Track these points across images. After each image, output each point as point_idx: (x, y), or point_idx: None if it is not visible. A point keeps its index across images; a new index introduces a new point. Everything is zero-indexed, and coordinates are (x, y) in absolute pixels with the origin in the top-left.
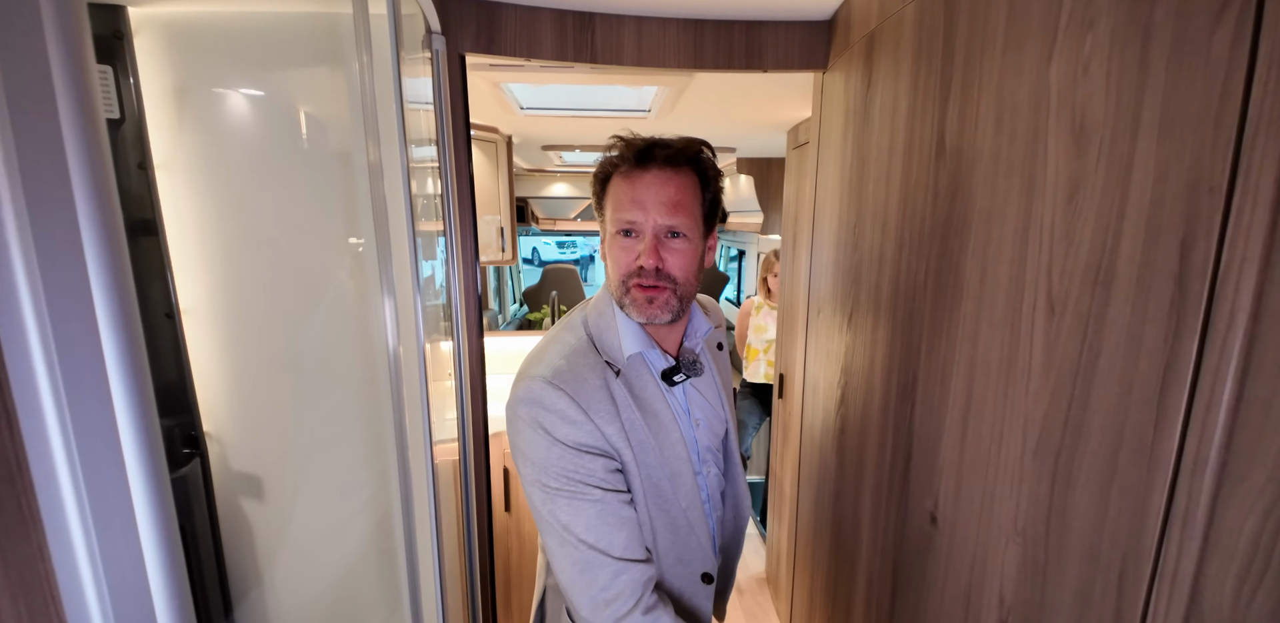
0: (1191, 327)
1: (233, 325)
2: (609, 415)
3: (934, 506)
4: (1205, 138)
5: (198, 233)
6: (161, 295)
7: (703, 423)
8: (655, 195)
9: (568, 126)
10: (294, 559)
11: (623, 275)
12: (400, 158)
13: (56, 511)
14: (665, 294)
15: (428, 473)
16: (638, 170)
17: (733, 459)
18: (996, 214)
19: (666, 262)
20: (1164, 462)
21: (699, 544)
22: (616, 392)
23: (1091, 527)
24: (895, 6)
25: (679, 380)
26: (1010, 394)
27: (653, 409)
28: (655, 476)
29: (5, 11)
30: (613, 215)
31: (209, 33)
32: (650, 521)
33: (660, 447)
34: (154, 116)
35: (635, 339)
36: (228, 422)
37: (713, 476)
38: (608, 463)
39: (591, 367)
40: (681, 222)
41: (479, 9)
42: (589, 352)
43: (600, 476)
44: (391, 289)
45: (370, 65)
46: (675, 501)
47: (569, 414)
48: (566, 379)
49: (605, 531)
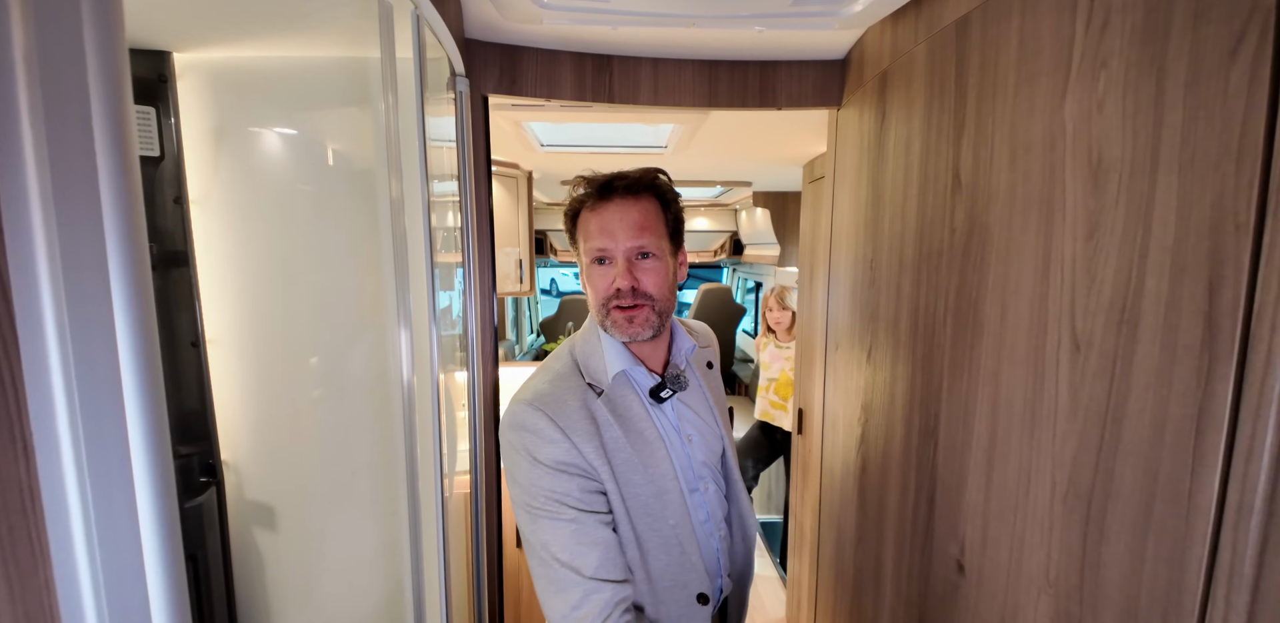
0: (1225, 367)
1: (255, 355)
2: (587, 435)
3: (960, 552)
4: (1227, 175)
5: (227, 265)
6: (189, 325)
7: (695, 438)
8: (620, 222)
9: (586, 162)
10: (303, 592)
11: (602, 299)
12: (421, 193)
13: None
14: (644, 312)
15: (437, 505)
16: (602, 202)
17: (733, 478)
18: (1015, 250)
19: (641, 281)
20: (1203, 510)
21: (692, 564)
22: (597, 412)
23: (1127, 579)
24: (907, 46)
25: (666, 396)
26: (1036, 436)
27: (637, 428)
28: (643, 494)
29: (54, 57)
30: (585, 246)
31: (247, 76)
32: (639, 541)
33: (645, 465)
34: (192, 154)
35: (620, 359)
36: (245, 451)
37: (712, 493)
38: (585, 484)
39: (572, 389)
40: (649, 241)
41: (502, 53)
42: (572, 376)
43: (576, 496)
44: (408, 320)
45: (395, 106)
46: (664, 518)
47: (547, 433)
48: (547, 401)
49: (579, 550)
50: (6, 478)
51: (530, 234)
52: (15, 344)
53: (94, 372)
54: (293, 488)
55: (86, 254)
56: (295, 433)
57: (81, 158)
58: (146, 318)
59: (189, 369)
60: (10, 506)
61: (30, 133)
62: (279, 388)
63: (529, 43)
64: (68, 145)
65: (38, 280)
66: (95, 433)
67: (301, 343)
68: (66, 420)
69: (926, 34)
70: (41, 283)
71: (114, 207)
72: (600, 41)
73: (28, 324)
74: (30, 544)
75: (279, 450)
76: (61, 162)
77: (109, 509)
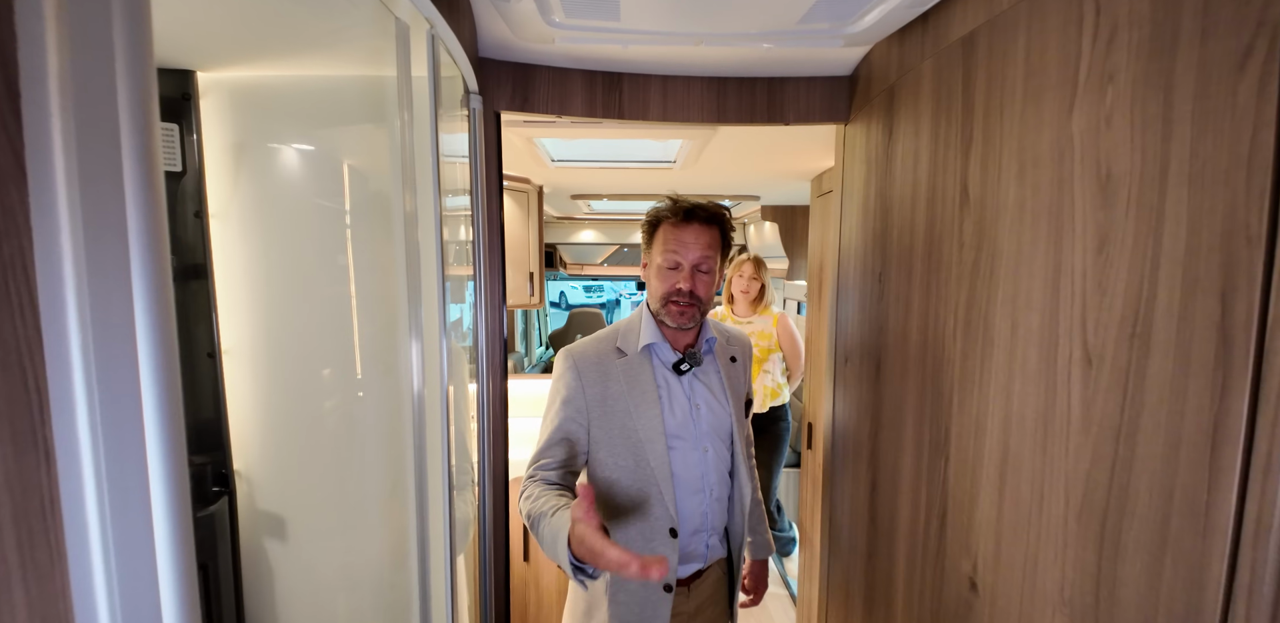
0: (1240, 382)
1: (269, 366)
2: (595, 380)
3: (973, 570)
4: (1238, 187)
5: (245, 277)
6: (206, 336)
7: (703, 408)
8: (695, 242)
9: (596, 177)
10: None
11: (665, 294)
12: (434, 207)
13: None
14: (693, 310)
15: (445, 517)
16: (684, 223)
17: (736, 451)
18: (1024, 264)
19: (697, 287)
20: (1221, 528)
21: (662, 500)
22: (612, 368)
23: (1144, 598)
24: (914, 62)
25: (685, 369)
26: (1049, 451)
27: (641, 388)
28: (630, 436)
29: (86, 79)
30: (662, 251)
31: (267, 94)
32: (618, 467)
33: (637, 415)
34: (213, 170)
35: (652, 335)
36: (258, 461)
37: (711, 455)
38: (576, 415)
39: (600, 349)
40: (710, 259)
41: (514, 71)
42: (606, 340)
43: (566, 416)
44: (419, 332)
45: (410, 123)
46: (646, 458)
47: (565, 374)
48: (577, 353)
49: (543, 447)
50: (28, 482)
51: (540, 248)
52: (40, 352)
53: (114, 380)
54: (303, 499)
55: (111, 265)
56: (307, 444)
57: (109, 173)
58: (167, 329)
59: (205, 379)
60: (31, 509)
61: (61, 149)
62: (292, 399)
63: (541, 61)
64: (96, 161)
65: (63, 290)
66: (114, 441)
67: (314, 354)
68: (87, 428)
69: (933, 50)
70: (67, 292)
71: (138, 220)
72: (610, 59)
73: (53, 332)
74: (49, 548)
75: (290, 461)
76: (90, 176)
77: (125, 516)
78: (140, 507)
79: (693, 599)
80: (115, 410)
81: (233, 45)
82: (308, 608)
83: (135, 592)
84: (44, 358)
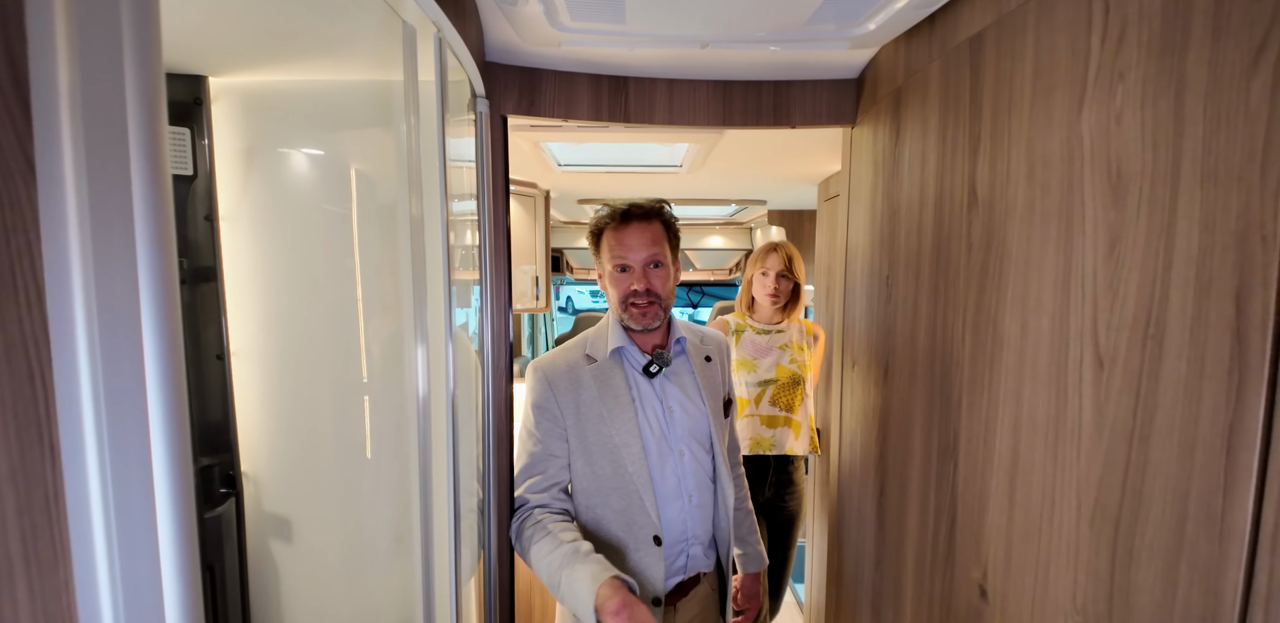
0: (1255, 384)
1: (278, 369)
2: (566, 388)
3: (983, 577)
4: (1252, 186)
5: (253, 280)
6: (215, 338)
7: (677, 411)
8: (638, 240)
9: (603, 181)
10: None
11: (622, 297)
12: (440, 211)
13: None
14: (654, 308)
15: (450, 519)
16: (623, 225)
17: (716, 453)
18: (1034, 265)
19: (653, 284)
20: (1237, 533)
21: (643, 507)
22: (583, 375)
23: (1159, 605)
24: (921, 64)
25: (654, 371)
26: (1060, 455)
27: (614, 392)
28: (606, 442)
29: (95, 84)
30: (609, 256)
31: (277, 99)
32: (596, 476)
33: (611, 420)
34: (223, 173)
35: (619, 339)
36: (265, 463)
37: (688, 460)
38: (551, 427)
39: (568, 358)
40: (659, 253)
41: (521, 75)
42: (575, 349)
43: (544, 428)
44: (425, 336)
45: (417, 127)
46: (624, 464)
47: (536, 385)
48: (545, 363)
49: (525, 472)
50: (32, 476)
51: (547, 252)
52: (47, 346)
53: (120, 375)
54: (310, 501)
55: (117, 261)
56: (314, 446)
57: (117, 171)
58: (173, 330)
59: (213, 381)
60: (35, 504)
61: (70, 147)
62: (299, 402)
63: (547, 65)
64: (104, 159)
65: (71, 291)
66: (119, 436)
67: (322, 357)
68: (92, 423)
69: (941, 51)
70: (75, 293)
71: (145, 217)
72: (616, 63)
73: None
74: (52, 543)
75: (297, 463)
76: (98, 174)
77: (129, 511)
78: (144, 502)
79: (680, 617)
80: (120, 406)
81: (243, 50)
82: (314, 610)
83: (139, 586)
84: (50, 352)
